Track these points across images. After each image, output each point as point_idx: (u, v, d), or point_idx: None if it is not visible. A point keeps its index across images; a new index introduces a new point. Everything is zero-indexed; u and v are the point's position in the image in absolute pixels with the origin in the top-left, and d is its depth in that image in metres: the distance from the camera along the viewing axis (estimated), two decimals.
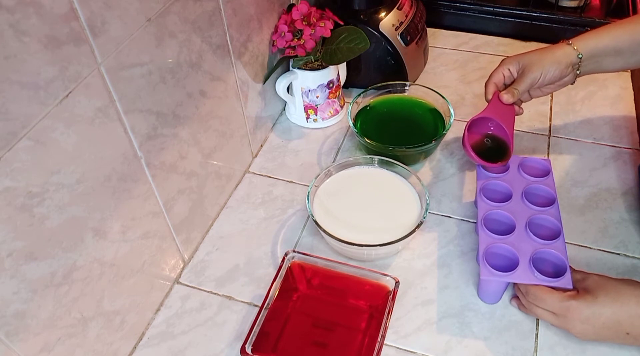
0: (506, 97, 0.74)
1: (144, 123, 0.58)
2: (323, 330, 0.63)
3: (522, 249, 0.64)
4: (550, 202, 0.69)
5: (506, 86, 0.77)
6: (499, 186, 0.72)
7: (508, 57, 0.77)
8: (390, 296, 0.63)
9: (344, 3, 0.91)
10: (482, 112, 0.75)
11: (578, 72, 0.74)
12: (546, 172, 0.73)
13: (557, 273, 0.62)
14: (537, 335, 0.64)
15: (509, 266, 0.63)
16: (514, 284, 0.67)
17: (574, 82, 0.76)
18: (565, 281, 0.60)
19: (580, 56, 0.72)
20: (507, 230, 0.67)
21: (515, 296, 0.67)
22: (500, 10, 1.08)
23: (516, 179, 0.73)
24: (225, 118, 0.75)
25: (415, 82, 0.97)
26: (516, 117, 0.77)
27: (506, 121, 0.76)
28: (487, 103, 0.77)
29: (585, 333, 0.59)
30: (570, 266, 0.62)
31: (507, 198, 0.70)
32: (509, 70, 0.75)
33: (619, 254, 0.72)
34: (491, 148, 0.76)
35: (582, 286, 0.60)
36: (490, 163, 0.73)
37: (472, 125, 0.75)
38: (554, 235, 0.65)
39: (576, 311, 0.58)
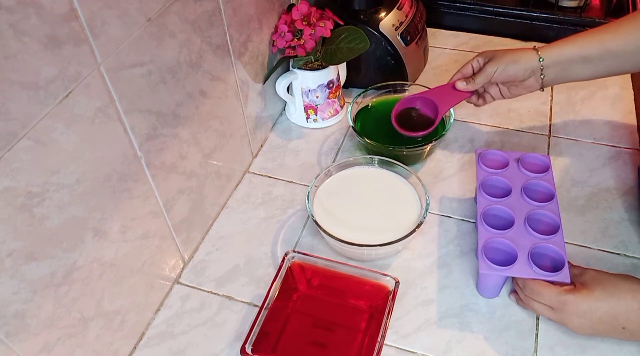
0: (459, 84, 0.80)
1: (144, 123, 0.58)
2: (323, 330, 0.63)
3: (520, 244, 0.64)
4: (549, 197, 0.69)
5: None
6: (499, 182, 0.72)
7: (484, 50, 0.80)
8: (390, 296, 0.63)
9: (344, 3, 0.91)
10: (422, 92, 0.83)
11: (542, 77, 0.74)
12: (545, 168, 0.73)
13: (555, 267, 0.62)
14: (537, 335, 0.64)
15: (508, 260, 0.63)
16: (513, 279, 0.67)
17: (542, 89, 0.77)
18: (563, 275, 0.60)
19: (541, 60, 0.73)
20: (506, 225, 0.67)
21: (513, 291, 0.67)
22: (500, 10, 1.08)
23: (516, 175, 0.73)
24: (225, 118, 0.75)
25: (415, 82, 0.97)
26: (516, 116, 0.76)
27: (444, 101, 0.81)
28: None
29: (582, 327, 0.59)
30: (568, 261, 0.62)
31: (506, 193, 0.70)
32: (477, 61, 0.79)
33: (619, 254, 0.72)
34: (417, 122, 0.83)
35: (580, 280, 0.60)
36: (408, 132, 0.80)
37: (409, 100, 0.84)
38: (553, 230, 0.66)
39: (573, 305, 0.58)
